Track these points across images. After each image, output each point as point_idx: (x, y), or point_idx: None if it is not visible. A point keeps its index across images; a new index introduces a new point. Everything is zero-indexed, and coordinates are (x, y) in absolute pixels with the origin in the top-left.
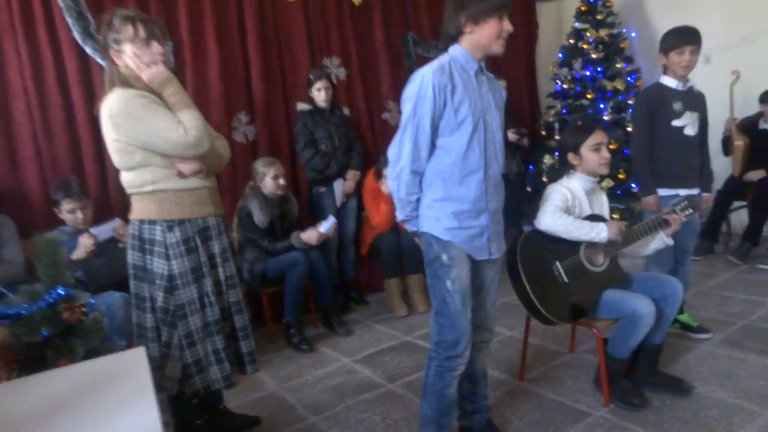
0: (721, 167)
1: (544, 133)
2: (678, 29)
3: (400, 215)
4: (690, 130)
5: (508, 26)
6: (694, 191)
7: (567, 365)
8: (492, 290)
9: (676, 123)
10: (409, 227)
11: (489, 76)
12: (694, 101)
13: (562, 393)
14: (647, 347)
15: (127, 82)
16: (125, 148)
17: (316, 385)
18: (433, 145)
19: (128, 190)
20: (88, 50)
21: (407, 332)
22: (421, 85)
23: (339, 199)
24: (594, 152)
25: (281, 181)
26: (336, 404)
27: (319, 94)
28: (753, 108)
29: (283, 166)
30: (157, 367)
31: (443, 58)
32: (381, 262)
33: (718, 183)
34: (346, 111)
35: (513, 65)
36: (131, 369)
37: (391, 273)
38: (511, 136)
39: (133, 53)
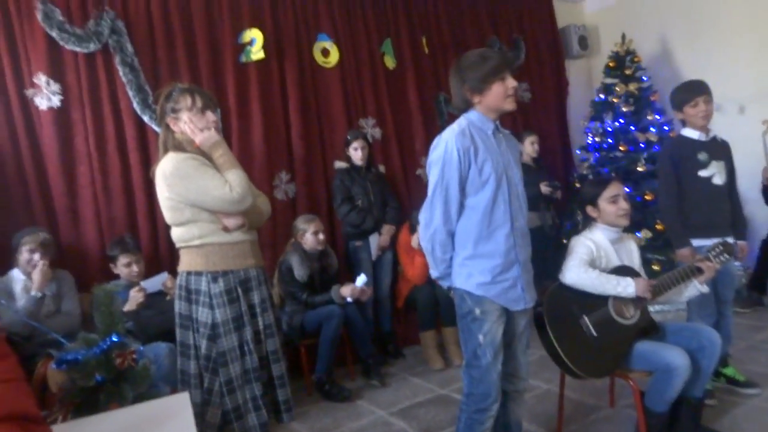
0: (765, 214)
1: (577, 185)
2: (684, 85)
3: (434, 273)
4: (718, 180)
5: (511, 83)
6: (728, 239)
7: (606, 420)
8: (523, 339)
9: (703, 173)
10: (443, 283)
11: (505, 133)
12: (719, 150)
13: None
14: (687, 400)
15: (180, 146)
16: (177, 205)
17: None
18: (461, 205)
19: (177, 245)
20: (146, 119)
21: (443, 385)
22: (446, 149)
23: (374, 252)
24: (611, 204)
25: (321, 237)
26: None
27: (356, 153)
28: None
29: (321, 222)
30: (199, 414)
31: (461, 122)
32: (417, 315)
33: (762, 232)
34: (381, 168)
35: (545, 120)
36: (176, 413)
37: (427, 325)
38: (544, 188)
39: (189, 119)
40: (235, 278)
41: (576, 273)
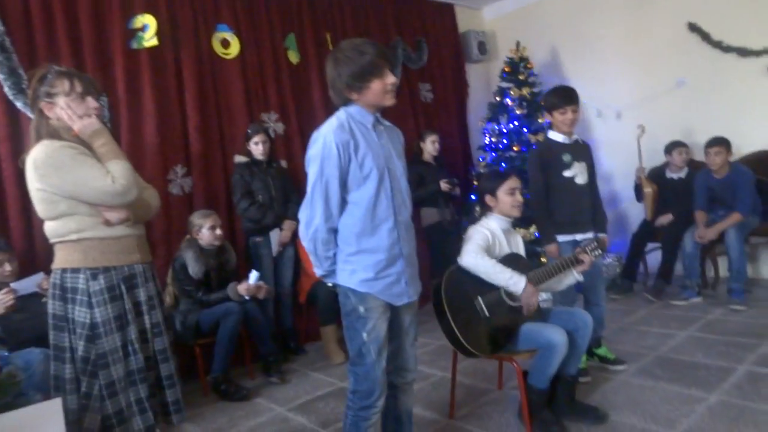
0: (636, 211)
1: (475, 183)
2: (558, 90)
3: (318, 271)
4: (580, 179)
5: (390, 79)
6: (589, 235)
7: (495, 401)
8: (411, 332)
9: (567, 174)
10: (328, 281)
11: (386, 125)
12: (581, 152)
13: (489, 428)
14: (563, 378)
15: (56, 133)
16: (50, 197)
17: None
18: (343, 201)
19: (52, 240)
20: (19, 105)
21: (343, 379)
22: (324, 145)
23: (275, 248)
24: (509, 195)
25: (218, 232)
26: None
27: (257, 148)
28: (661, 158)
29: (219, 217)
30: (75, 420)
31: (341, 116)
32: (317, 311)
33: (634, 227)
34: (283, 164)
35: (446, 120)
36: (45, 421)
37: (328, 320)
38: (444, 185)
39: (66, 104)
40: (118, 275)
41: (473, 258)
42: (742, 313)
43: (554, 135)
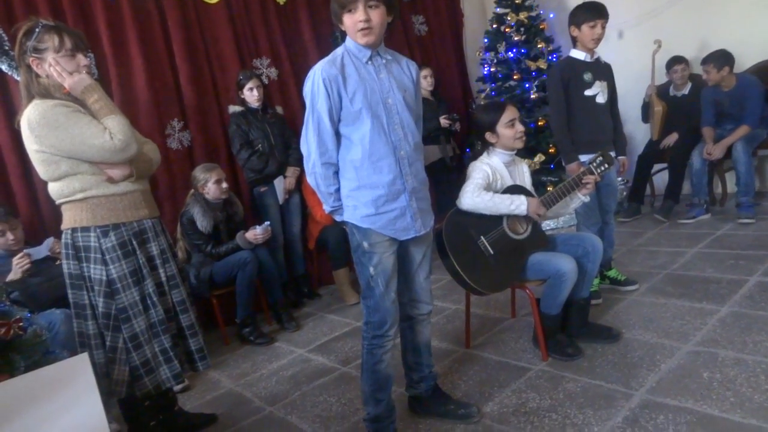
0: (642, 133)
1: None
2: (590, 4)
3: (326, 208)
4: (601, 98)
5: (360, 17)
6: (612, 155)
7: (509, 329)
8: (424, 265)
9: (588, 92)
10: (337, 218)
11: (389, 58)
12: (602, 71)
13: (505, 354)
14: (576, 301)
15: (47, 92)
16: (50, 158)
17: (271, 377)
18: (338, 135)
19: (58, 201)
20: (4, 67)
21: (359, 318)
22: (313, 80)
23: (281, 197)
24: (509, 128)
25: (224, 185)
26: (292, 392)
27: (252, 94)
28: (665, 76)
29: (222, 169)
30: (104, 374)
31: (337, 51)
32: (329, 255)
33: (640, 149)
34: (279, 110)
35: (442, 53)
36: (75, 375)
37: (339, 264)
38: (444, 121)
39: (55, 60)
40: (128, 231)
41: (470, 198)
42: (751, 226)
43: (576, 53)
